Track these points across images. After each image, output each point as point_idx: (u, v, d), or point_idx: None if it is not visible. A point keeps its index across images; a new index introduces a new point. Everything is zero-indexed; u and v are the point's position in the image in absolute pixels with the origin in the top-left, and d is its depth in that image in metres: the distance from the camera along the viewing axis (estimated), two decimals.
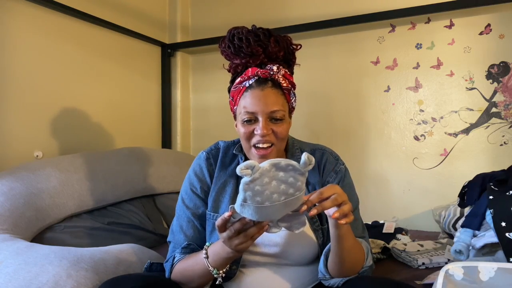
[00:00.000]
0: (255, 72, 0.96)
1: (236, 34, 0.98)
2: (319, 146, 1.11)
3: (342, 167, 1.07)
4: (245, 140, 0.99)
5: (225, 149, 1.11)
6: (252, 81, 0.97)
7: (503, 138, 1.87)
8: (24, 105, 1.70)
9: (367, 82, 2.14)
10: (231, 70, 1.04)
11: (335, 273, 0.93)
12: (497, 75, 1.88)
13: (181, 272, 0.98)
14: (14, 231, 1.26)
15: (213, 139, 2.78)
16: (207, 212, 1.05)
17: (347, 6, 2.15)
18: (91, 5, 1.99)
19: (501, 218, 1.12)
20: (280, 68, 0.98)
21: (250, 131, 0.97)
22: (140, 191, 1.79)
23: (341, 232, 0.86)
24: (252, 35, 0.97)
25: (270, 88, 0.97)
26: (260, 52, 0.97)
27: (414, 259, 1.39)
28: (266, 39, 0.97)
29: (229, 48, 0.99)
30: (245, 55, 0.98)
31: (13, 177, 1.38)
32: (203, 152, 1.12)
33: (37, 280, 1.00)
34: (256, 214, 0.74)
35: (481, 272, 0.80)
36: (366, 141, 2.15)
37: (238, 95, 1.00)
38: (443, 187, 1.97)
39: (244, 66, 1.00)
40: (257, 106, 0.95)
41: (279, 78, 0.98)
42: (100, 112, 2.07)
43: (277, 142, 0.98)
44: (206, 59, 2.61)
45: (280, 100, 0.98)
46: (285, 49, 1.00)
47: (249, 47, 0.96)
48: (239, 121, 1.00)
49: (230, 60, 1.03)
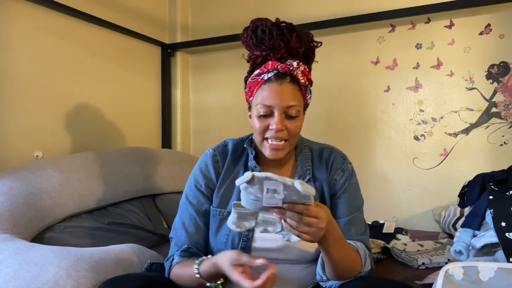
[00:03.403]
0: (275, 66, 0.97)
1: (259, 25, 0.98)
2: (327, 145, 1.13)
3: (349, 166, 1.08)
4: (258, 134, 1.00)
5: (235, 146, 1.11)
6: (271, 74, 0.98)
7: (503, 138, 1.87)
8: (24, 105, 1.70)
9: (367, 82, 2.14)
10: (250, 61, 1.04)
11: (331, 277, 0.93)
12: (497, 75, 1.88)
13: (177, 277, 0.99)
14: (14, 231, 1.26)
15: (213, 139, 2.79)
16: (212, 208, 1.05)
17: (347, 6, 2.15)
18: (91, 5, 1.99)
19: (501, 218, 1.12)
20: (300, 64, 0.99)
21: (265, 125, 0.98)
22: (140, 191, 1.79)
23: (326, 249, 0.86)
24: (276, 29, 0.98)
25: (288, 83, 0.97)
26: (282, 46, 0.97)
27: (414, 259, 1.39)
28: (289, 33, 0.98)
29: (251, 39, 0.99)
30: (267, 47, 0.98)
31: (13, 177, 1.38)
32: (210, 149, 1.12)
33: (37, 280, 1.00)
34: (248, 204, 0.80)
35: (481, 272, 0.80)
36: (366, 141, 2.14)
37: (255, 87, 1.00)
38: (443, 187, 1.97)
39: (264, 59, 1.00)
40: (274, 100, 0.96)
41: (298, 74, 0.98)
42: (100, 112, 2.07)
43: (290, 138, 0.99)
44: (206, 59, 2.61)
45: (297, 96, 0.99)
46: (306, 45, 1.01)
47: (271, 40, 0.97)
48: (254, 114, 1.01)
49: (251, 50, 1.03)
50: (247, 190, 0.78)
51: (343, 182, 1.05)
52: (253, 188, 0.77)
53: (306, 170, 1.06)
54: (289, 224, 0.79)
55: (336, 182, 1.05)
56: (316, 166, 1.07)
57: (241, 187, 0.78)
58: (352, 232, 1.00)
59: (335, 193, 1.05)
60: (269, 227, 0.86)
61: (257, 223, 0.86)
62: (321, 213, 0.79)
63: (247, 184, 0.77)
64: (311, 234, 0.79)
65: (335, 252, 0.87)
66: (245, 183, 0.76)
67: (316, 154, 1.09)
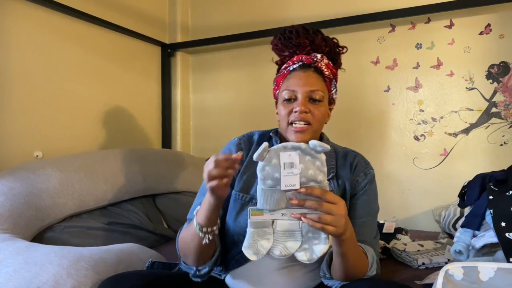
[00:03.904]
0: (300, 58, 1.03)
1: (288, 28, 1.07)
2: (352, 149, 1.15)
3: (371, 171, 1.10)
4: (283, 118, 1.02)
5: (260, 136, 1.14)
6: (296, 65, 1.04)
7: (503, 138, 1.87)
8: (24, 105, 1.70)
9: (367, 82, 2.14)
10: (278, 62, 1.11)
11: (336, 277, 0.93)
12: (497, 75, 1.88)
13: (181, 239, 0.99)
14: (14, 231, 1.26)
15: (213, 139, 2.80)
16: (234, 192, 1.06)
17: (347, 6, 2.15)
18: (91, 5, 1.99)
19: (501, 218, 1.12)
20: (323, 57, 1.04)
21: (289, 110, 1.00)
22: (140, 191, 1.79)
23: (342, 250, 0.86)
24: (302, 29, 1.05)
25: (312, 72, 1.03)
26: (307, 44, 1.04)
27: (414, 259, 1.39)
28: (314, 34, 1.05)
29: (280, 39, 1.07)
30: (293, 46, 1.05)
31: (13, 177, 1.38)
32: (235, 138, 1.14)
33: (37, 279, 1.00)
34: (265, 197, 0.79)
35: (481, 272, 0.80)
36: (366, 141, 2.14)
37: (281, 79, 1.06)
38: (443, 187, 1.97)
39: (291, 57, 1.06)
40: (297, 85, 1.00)
41: (322, 66, 1.03)
42: (100, 112, 2.07)
43: (313, 122, 1.00)
44: (206, 59, 2.61)
45: (320, 84, 1.02)
46: (331, 48, 1.07)
47: (298, 38, 1.04)
48: (279, 102, 1.04)
49: (280, 53, 1.09)
50: (264, 171, 0.79)
51: (364, 184, 1.07)
52: (270, 166, 0.78)
53: (330, 168, 1.07)
54: (311, 219, 0.78)
55: (357, 184, 1.07)
56: (340, 165, 1.09)
57: (258, 169, 0.79)
58: (364, 235, 1.01)
59: (355, 194, 1.06)
60: (288, 241, 0.81)
61: (275, 240, 0.81)
62: (338, 199, 0.80)
63: (264, 163, 0.78)
64: (334, 222, 0.78)
65: (350, 255, 0.87)
66: (262, 163, 0.78)
67: (341, 156, 1.11)
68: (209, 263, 0.98)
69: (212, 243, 0.93)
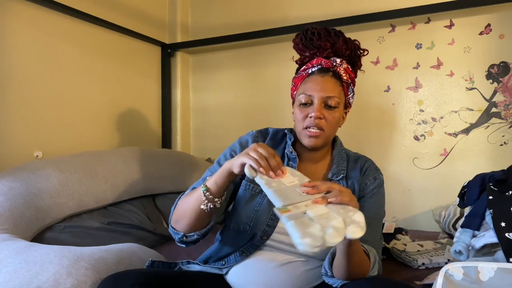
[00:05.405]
0: (319, 61, 1.04)
1: (310, 28, 1.07)
2: (363, 155, 1.17)
3: (381, 176, 1.11)
4: (299, 122, 1.04)
5: (274, 132, 1.16)
6: (315, 68, 1.05)
7: (503, 138, 1.87)
8: (24, 105, 1.70)
9: (367, 82, 2.14)
10: (298, 61, 1.12)
11: (337, 276, 0.94)
12: (497, 75, 1.88)
13: (180, 202, 1.01)
14: (14, 231, 1.26)
15: (213, 139, 2.80)
16: (244, 182, 1.08)
17: (347, 6, 2.15)
18: (91, 5, 1.99)
19: (501, 218, 1.12)
20: (343, 61, 1.05)
21: (305, 114, 1.02)
22: (140, 191, 1.79)
23: (350, 250, 0.86)
24: (324, 31, 1.06)
25: (330, 77, 1.04)
26: (328, 46, 1.05)
27: (414, 259, 1.39)
28: (336, 36, 1.06)
29: (301, 40, 1.08)
30: (314, 47, 1.06)
31: (13, 177, 1.38)
32: (253, 131, 1.16)
33: (37, 279, 1.00)
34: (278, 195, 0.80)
35: (481, 272, 0.80)
36: (366, 141, 2.14)
37: (300, 81, 1.07)
38: (443, 187, 1.97)
39: (311, 58, 1.07)
40: (314, 90, 1.02)
41: (340, 70, 1.05)
42: (100, 112, 2.07)
43: (326, 128, 1.03)
44: (206, 59, 2.61)
45: (337, 90, 1.04)
46: (352, 51, 1.08)
47: (319, 40, 1.05)
48: (296, 105, 1.06)
49: (301, 53, 1.10)
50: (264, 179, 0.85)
51: (372, 188, 1.08)
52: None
53: (340, 170, 1.09)
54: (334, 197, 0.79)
55: (366, 187, 1.08)
56: (351, 168, 1.11)
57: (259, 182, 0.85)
58: (368, 236, 1.00)
59: (363, 196, 1.07)
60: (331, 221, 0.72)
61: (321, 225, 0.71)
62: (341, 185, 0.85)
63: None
64: (350, 196, 0.81)
65: (357, 255, 0.88)
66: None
67: (352, 159, 1.13)
68: (199, 232, 1.00)
69: (209, 215, 0.96)
